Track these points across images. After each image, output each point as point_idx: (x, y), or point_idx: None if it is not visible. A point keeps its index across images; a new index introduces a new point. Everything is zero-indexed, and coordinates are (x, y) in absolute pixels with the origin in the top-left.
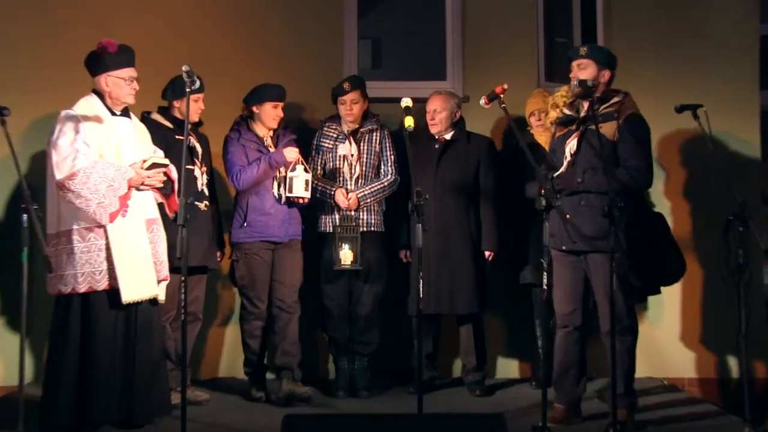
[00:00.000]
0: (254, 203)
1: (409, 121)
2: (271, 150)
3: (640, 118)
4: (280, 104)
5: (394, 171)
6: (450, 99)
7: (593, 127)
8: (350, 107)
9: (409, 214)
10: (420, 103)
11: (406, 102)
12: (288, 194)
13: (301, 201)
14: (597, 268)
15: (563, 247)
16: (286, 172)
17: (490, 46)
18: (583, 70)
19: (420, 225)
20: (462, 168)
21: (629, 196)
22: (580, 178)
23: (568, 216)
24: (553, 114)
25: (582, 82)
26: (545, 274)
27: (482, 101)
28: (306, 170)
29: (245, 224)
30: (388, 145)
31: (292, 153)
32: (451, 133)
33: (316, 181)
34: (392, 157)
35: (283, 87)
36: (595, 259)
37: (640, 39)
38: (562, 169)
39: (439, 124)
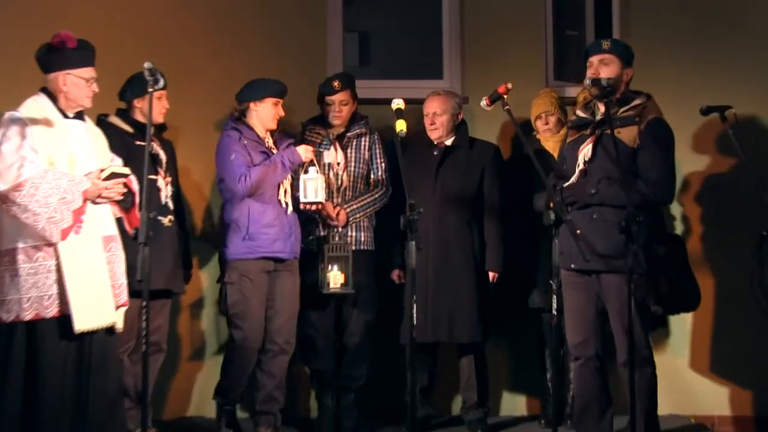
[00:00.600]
0: (257, 213)
1: (400, 125)
2: (274, 153)
3: (663, 124)
4: (281, 101)
5: (385, 181)
6: (450, 99)
7: (609, 131)
8: (339, 108)
9: (401, 230)
10: (413, 104)
11: (398, 104)
12: (303, 200)
13: (315, 208)
14: (612, 290)
15: (572, 266)
16: (298, 174)
17: (493, 40)
18: (606, 66)
19: (413, 243)
20: (464, 178)
21: (648, 211)
22: (593, 188)
23: (579, 231)
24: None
25: (596, 81)
26: (555, 297)
27: (483, 103)
28: (318, 172)
29: (246, 237)
30: (378, 151)
31: (307, 152)
32: (452, 139)
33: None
34: (383, 165)
35: (284, 83)
36: (609, 280)
37: (661, 33)
38: (573, 179)
39: (440, 128)
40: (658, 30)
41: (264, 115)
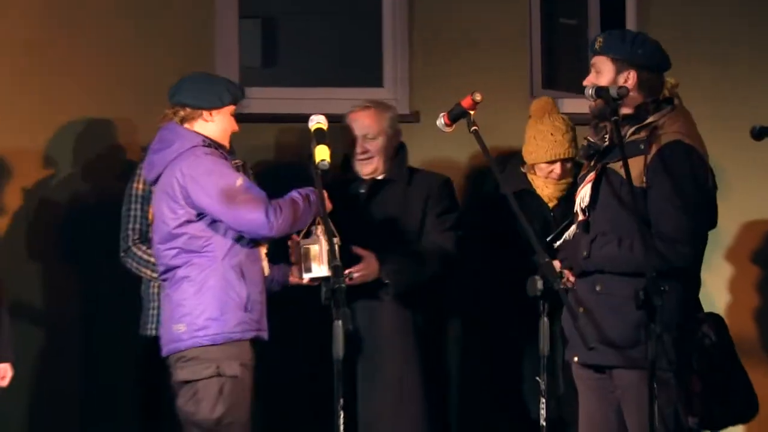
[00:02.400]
0: (253, 273)
1: (322, 153)
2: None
3: (682, 151)
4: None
5: None
6: (386, 114)
7: (615, 165)
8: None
9: (322, 303)
10: (337, 123)
11: (318, 122)
12: (306, 274)
13: (315, 284)
14: (628, 393)
15: (575, 359)
16: (298, 237)
17: (454, 31)
18: (597, 73)
19: (340, 322)
20: (401, 225)
21: (676, 280)
22: (585, 249)
23: (581, 309)
24: None
25: (601, 92)
26: (542, 400)
27: (441, 121)
28: (326, 232)
29: (247, 307)
30: None
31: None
32: (383, 171)
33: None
34: None
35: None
36: (623, 378)
37: (692, 21)
38: (567, 234)
39: (376, 158)
40: (689, 16)
41: (221, 129)
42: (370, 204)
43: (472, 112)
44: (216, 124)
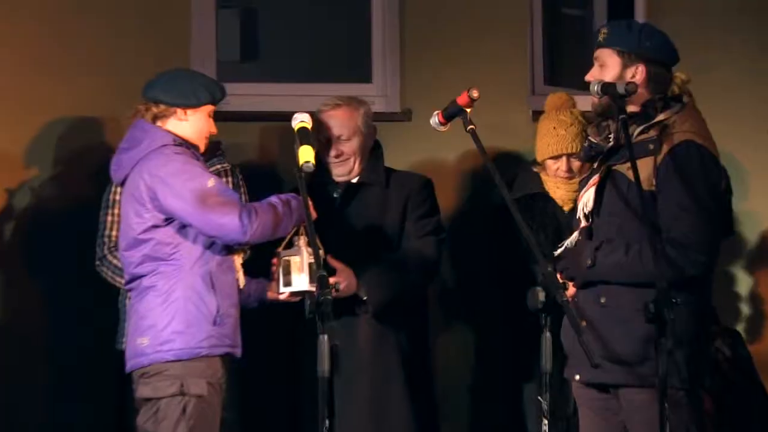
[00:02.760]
0: (225, 284)
1: (306, 155)
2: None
3: (695, 152)
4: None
5: None
6: (360, 111)
7: (621, 166)
8: None
9: (306, 317)
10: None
11: (302, 121)
12: (285, 288)
13: (295, 299)
14: (637, 414)
15: (577, 377)
16: (279, 248)
17: (449, 23)
18: (601, 67)
19: (326, 337)
20: (379, 231)
21: (689, 290)
22: (590, 257)
23: (584, 322)
24: None
25: (607, 88)
26: (544, 422)
27: (435, 120)
28: (310, 244)
29: (217, 321)
30: (242, 197)
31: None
32: (358, 173)
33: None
34: None
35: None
36: (632, 398)
37: (701, 15)
38: (568, 241)
39: (352, 159)
40: (704, 4)
41: (196, 130)
42: (345, 209)
43: (468, 110)
44: (190, 124)
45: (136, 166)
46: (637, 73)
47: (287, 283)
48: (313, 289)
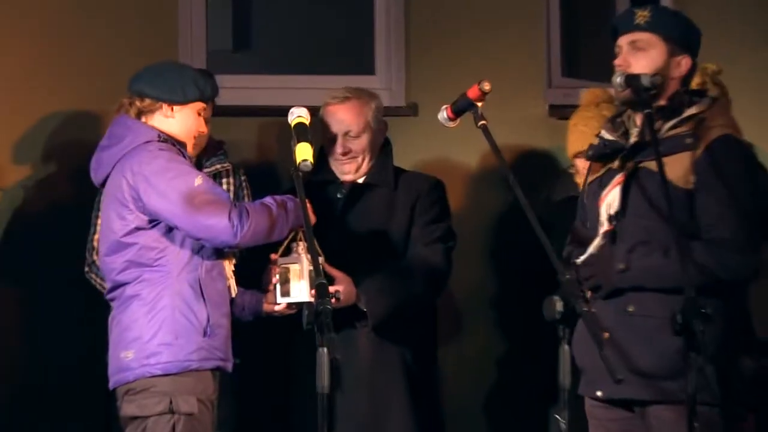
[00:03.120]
0: (215, 292)
1: (303, 152)
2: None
3: (736, 147)
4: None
5: None
6: (370, 105)
7: (652, 163)
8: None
9: (304, 329)
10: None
11: (299, 116)
12: (282, 299)
13: (293, 311)
14: (664, 431)
15: (598, 393)
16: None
17: (458, 10)
18: (641, 53)
19: (325, 350)
20: (384, 237)
21: (721, 298)
22: (623, 262)
23: (606, 335)
24: None
25: (631, 79)
26: None
27: (443, 114)
28: (309, 250)
29: (207, 331)
30: (246, 199)
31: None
32: (365, 173)
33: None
34: None
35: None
36: (661, 416)
37: (723, 7)
38: (593, 247)
39: (360, 157)
40: None
41: (183, 128)
42: (349, 212)
43: (479, 104)
44: (177, 122)
45: (117, 165)
46: (683, 64)
47: (285, 293)
48: (313, 299)
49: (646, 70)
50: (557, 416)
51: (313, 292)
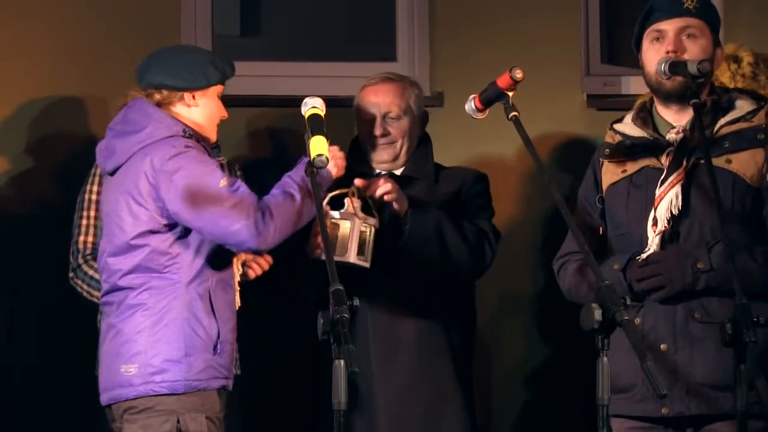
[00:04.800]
0: (224, 305)
1: (318, 146)
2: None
3: None
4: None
5: None
6: (413, 90)
7: (716, 160)
8: None
9: (320, 339)
10: (340, 107)
11: (313, 106)
12: (340, 258)
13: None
14: None
15: (663, 411)
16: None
17: None
18: (693, 41)
19: (342, 362)
20: None
21: None
22: (706, 262)
23: (663, 347)
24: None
25: (677, 66)
26: None
27: (471, 105)
28: (362, 208)
29: (217, 348)
30: None
31: (339, 159)
32: (403, 165)
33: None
34: None
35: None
36: (719, 431)
37: None
38: (653, 249)
39: (399, 141)
40: None
41: (207, 116)
42: (386, 206)
43: (510, 94)
44: (201, 110)
45: (134, 156)
46: (718, 56)
47: (342, 252)
48: (361, 263)
49: (697, 58)
50: None
51: (361, 256)
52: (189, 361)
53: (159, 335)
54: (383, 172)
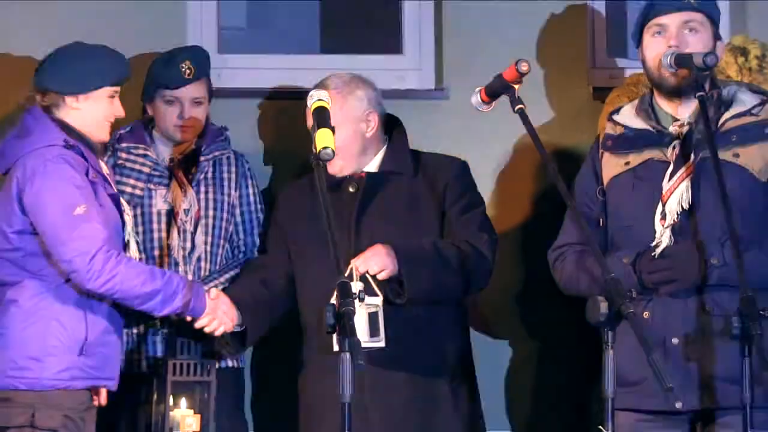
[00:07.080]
0: (103, 309)
1: (324, 139)
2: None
3: None
4: (118, 92)
5: (250, 245)
6: (351, 91)
7: (724, 153)
8: (188, 111)
9: (329, 331)
10: None
11: (319, 99)
12: (367, 341)
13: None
14: None
15: (677, 405)
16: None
17: None
18: (694, 35)
19: (348, 355)
20: (409, 231)
21: None
22: (718, 257)
23: (675, 341)
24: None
25: (682, 59)
26: None
27: (477, 98)
28: (368, 290)
29: (83, 352)
30: (250, 189)
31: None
32: (378, 161)
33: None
34: (259, 215)
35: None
36: (727, 426)
37: None
38: (664, 243)
39: (341, 153)
40: None
41: (93, 119)
42: (365, 206)
43: (516, 87)
44: (85, 113)
45: (18, 161)
46: (720, 50)
47: (367, 335)
48: (376, 345)
49: (698, 51)
50: (601, 428)
51: (374, 336)
52: (49, 361)
53: (24, 333)
54: (348, 176)
